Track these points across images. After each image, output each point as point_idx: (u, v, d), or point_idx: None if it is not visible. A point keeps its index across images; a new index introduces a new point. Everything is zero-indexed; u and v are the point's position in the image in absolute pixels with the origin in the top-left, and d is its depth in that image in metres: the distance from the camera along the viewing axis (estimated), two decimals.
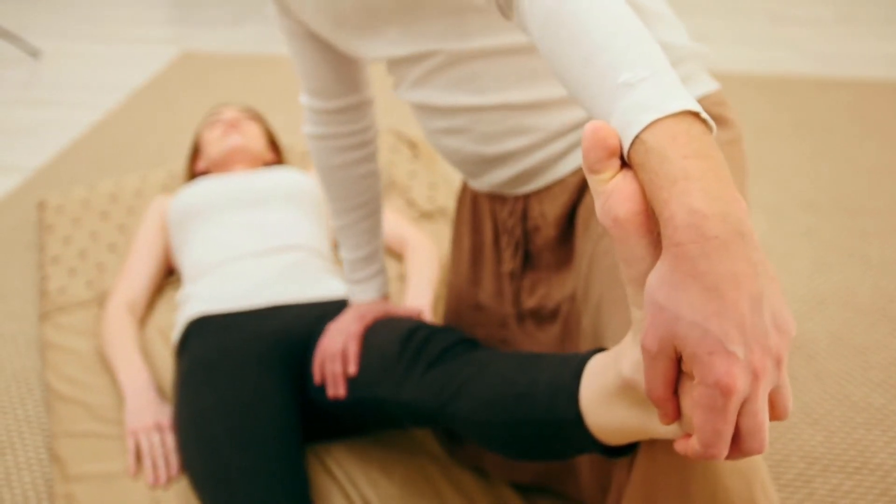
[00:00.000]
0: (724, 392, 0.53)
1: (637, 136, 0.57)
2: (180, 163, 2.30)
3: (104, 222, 1.96)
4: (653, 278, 0.56)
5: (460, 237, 1.31)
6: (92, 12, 3.81)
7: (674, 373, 0.57)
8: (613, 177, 0.59)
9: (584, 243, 1.05)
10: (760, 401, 0.54)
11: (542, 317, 1.16)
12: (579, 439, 0.81)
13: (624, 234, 0.58)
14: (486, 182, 1.15)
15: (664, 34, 1.04)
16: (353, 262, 1.30)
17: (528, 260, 1.18)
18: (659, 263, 0.56)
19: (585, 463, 1.05)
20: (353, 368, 1.18)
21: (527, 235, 1.16)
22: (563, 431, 0.83)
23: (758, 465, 0.78)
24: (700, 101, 1.06)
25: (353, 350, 1.19)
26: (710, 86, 1.09)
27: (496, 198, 1.19)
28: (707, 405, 0.54)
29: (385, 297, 1.33)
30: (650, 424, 0.70)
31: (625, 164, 0.60)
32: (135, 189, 2.06)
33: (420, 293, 1.61)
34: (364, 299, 1.31)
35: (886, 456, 1.37)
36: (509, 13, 0.79)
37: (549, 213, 1.10)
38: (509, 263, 1.19)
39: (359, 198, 1.27)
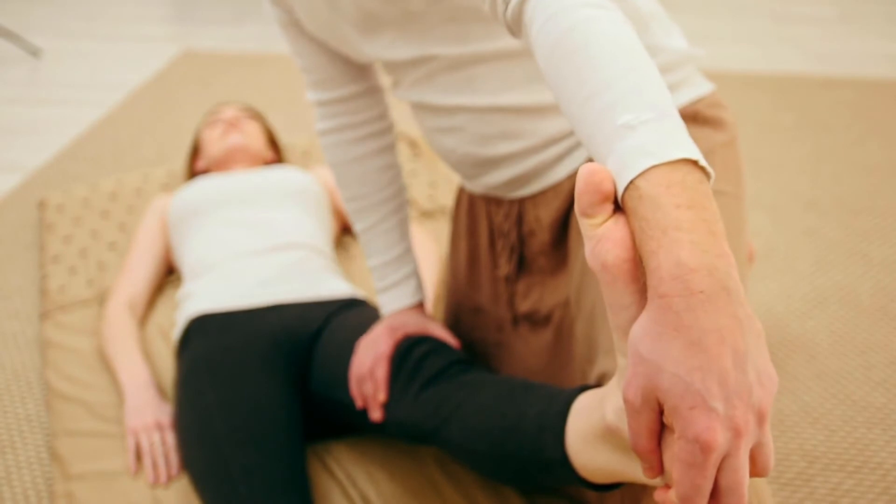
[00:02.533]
0: (704, 448, 0.52)
1: (632, 182, 0.56)
2: (181, 161, 2.30)
3: (105, 221, 1.96)
4: (636, 328, 0.55)
5: (457, 240, 1.29)
6: (92, 11, 3.81)
7: (657, 425, 0.57)
8: (605, 221, 0.58)
9: (577, 249, 1.05)
10: (741, 457, 0.54)
11: (536, 321, 1.16)
12: (566, 476, 0.81)
13: (611, 280, 0.57)
14: (482, 184, 1.14)
15: (659, 38, 1.03)
16: (382, 266, 1.22)
17: (522, 264, 1.17)
18: (644, 314, 0.55)
19: None
20: (382, 396, 1.11)
21: (522, 239, 1.15)
22: (550, 468, 0.83)
23: (754, 480, 0.79)
24: (695, 103, 1.06)
25: (382, 374, 1.12)
26: (704, 88, 1.08)
27: (492, 200, 1.18)
28: (686, 460, 0.53)
29: (420, 303, 1.23)
30: (634, 469, 0.69)
31: (618, 207, 0.59)
32: (135, 188, 2.06)
33: None
34: (397, 307, 1.21)
35: (887, 455, 1.37)
36: (518, 35, 0.77)
37: (543, 217, 1.10)
38: (504, 267, 1.18)
39: (381, 193, 1.21)
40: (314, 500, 1.22)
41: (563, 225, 1.10)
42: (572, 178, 1.06)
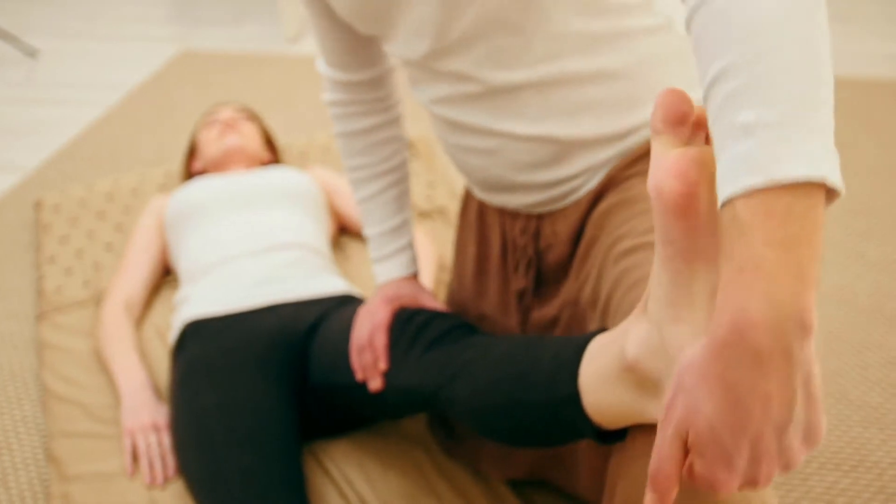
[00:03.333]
0: (714, 491, 0.52)
1: (729, 199, 0.50)
2: (178, 162, 2.30)
3: (101, 222, 1.96)
4: (688, 356, 0.53)
5: (464, 245, 1.28)
6: (90, 11, 3.81)
7: (683, 456, 0.55)
8: (675, 146, 0.55)
9: (594, 250, 1.02)
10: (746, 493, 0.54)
11: (544, 327, 1.15)
12: (573, 419, 0.79)
13: (664, 211, 0.55)
14: (502, 200, 1.13)
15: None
16: (380, 236, 1.22)
17: (539, 276, 1.16)
18: (702, 344, 0.52)
19: (583, 462, 1.05)
20: (383, 364, 1.10)
21: (538, 253, 1.14)
22: (559, 411, 0.81)
23: None
24: None
25: (381, 342, 1.11)
26: None
27: (506, 213, 1.16)
28: (695, 490, 0.54)
29: (414, 275, 1.24)
30: (646, 408, 0.69)
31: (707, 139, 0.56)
32: (132, 188, 2.06)
33: None
34: (391, 277, 1.22)
35: (883, 454, 1.37)
36: None
37: (562, 231, 1.08)
38: (521, 281, 1.16)
39: (384, 164, 1.21)
40: (310, 501, 1.22)
41: (581, 234, 1.07)
42: (591, 192, 1.04)
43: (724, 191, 0.50)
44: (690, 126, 0.57)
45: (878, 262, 1.86)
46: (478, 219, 1.24)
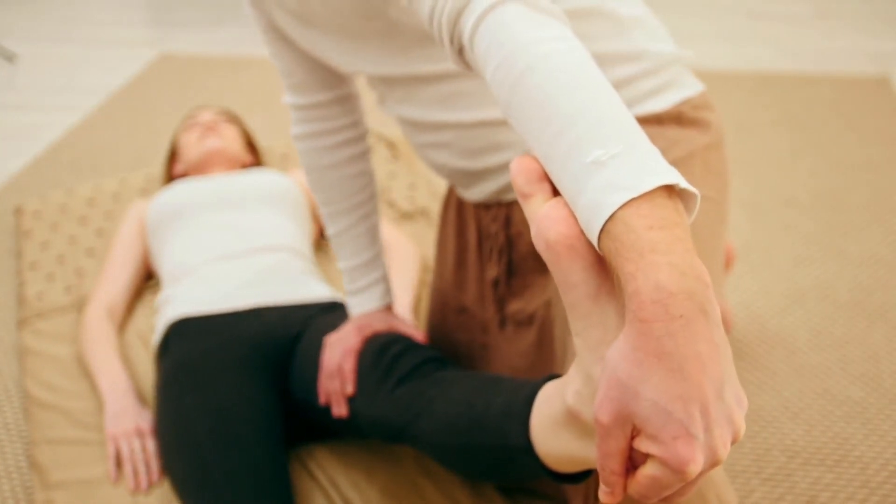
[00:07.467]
0: (683, 475, 0.53)
1: (611, 217, 0.54)
2: (159, 166, 2.28)
3: (82, 227, 1.94)
4: (614, 352, 0.54)
5: (445, 241, 1.30)
6: (68, 15, 3.78)
7: (628, 450, 0.56)
8: (545, 203, 0.58)
9: None
10: (706, 474, 0.54)
11: (521, 321, 1.17)
12: (531, 466, 0.81)
13: (557, 258, 0.57)
14: (475, 192, 1.15)
15: (640, 43, 1.03)
16: (352, 270, 1.24)
17: (511, 266, 1.18)
18: (622, 337, 0.54)
19: None
20: (349, 388, 1.13)
21: (510, 242, 1.16)
22: (515, 458, 0.83)
23: (711, 478, 0.79)
24: (679, 105, 1.06)
25: (349, 367, 1.15)
26: (691, 89, 1.08)
27: (480, 204, 1.19)
28: (660, 480, 0.53)
29: (388, 306, 1.26)
30: (594, 454, 0.69)
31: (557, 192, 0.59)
32: (113, 193, 2.04)
33: (400, 295, 1.61)
34: (364, 310, 1.24)
35: (866, 448, 1.38)
36: (468, 69, 0.77)
37: None
38: (493, 270, 1.19)
39: (353, 199, 1.23)
40: None
41: None
42: None
43: (602, 215, 0.55)
44: (547, 180, 0.60)
45: (859, 257, 1.87)
46: (456, 214, 1.26)
